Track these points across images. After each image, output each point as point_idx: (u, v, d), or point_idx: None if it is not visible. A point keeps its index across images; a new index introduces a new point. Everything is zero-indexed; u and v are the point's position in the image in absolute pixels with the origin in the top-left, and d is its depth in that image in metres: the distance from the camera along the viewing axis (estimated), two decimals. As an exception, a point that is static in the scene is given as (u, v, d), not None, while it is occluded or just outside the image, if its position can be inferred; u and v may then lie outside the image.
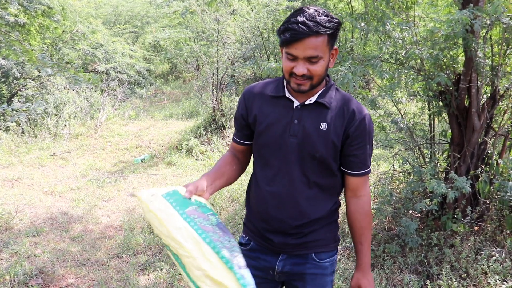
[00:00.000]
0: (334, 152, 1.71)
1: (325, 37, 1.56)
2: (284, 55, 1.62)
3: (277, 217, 1.77)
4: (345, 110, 1.71)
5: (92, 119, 9.75)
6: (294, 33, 1.52)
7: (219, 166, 1.87)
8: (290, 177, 1.73)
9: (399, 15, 3.95)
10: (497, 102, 3.76)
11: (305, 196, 1.74)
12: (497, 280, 3.33)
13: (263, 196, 1.80)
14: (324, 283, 1.85)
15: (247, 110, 1.84)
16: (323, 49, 1.57)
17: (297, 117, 1.71)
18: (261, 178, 1.82)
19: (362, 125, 1.69)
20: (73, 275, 3.86)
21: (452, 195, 3.34)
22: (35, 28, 9.33)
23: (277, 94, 1.76)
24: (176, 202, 1.51)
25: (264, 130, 1.76)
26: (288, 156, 1.72)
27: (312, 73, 1.59)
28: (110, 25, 15.67)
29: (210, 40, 9.14)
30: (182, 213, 1.48)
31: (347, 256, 3.97)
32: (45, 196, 5.91)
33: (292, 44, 1.55)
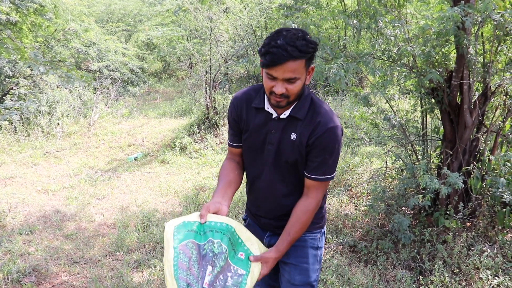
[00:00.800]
0: (301, 157, 1.92)
1: (303, 61, 1.71)
2: (264, 75, 1.78)
3: (264, 207, 2.10)
4: (313, 121, 1.88)
5: (85, 117, 9.71)
6: (275, 58, 1.66)
7: (224, 177, 2.07)
8: (270, 177, 2.01)
9: (391, 13, 3.97)
10: (489, 99, 3.80)
11: (283, 193, 2.02)
12: (489, 275, 3.36)
13: (253, 190, 2.12)
14: (305, 255, 2.08)
15: (237, 115, 2.04)
16: (300, 71, 1.73)
17: (274, 128, 1.93)
18: (249, 176, 2.13)
19: (323, 137, 1.85)
20: (66, 273, 3.85)
21: (445, 190, 3.36)
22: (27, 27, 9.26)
23: (258, 106, 1.97)
24: (178, 234, 1.77)
25: (248, 136, 2.01)
26: (267, 160, 1.98)
27: (289, 93, 1.76)
28: (103, 24, 15.62)
29: (203, 38, 9.13)
30: (175, 247, 1.73)
31: (340, 253, 3.99)
32: (38, 195, 5.89)
33: (272, 67, 1.70)
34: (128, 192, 5.98)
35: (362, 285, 3.44)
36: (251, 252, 1.89)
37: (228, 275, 1.77)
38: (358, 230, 4.35)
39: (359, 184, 5.33)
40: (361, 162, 5.95)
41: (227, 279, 1.76)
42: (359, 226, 4.40)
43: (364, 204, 4.78)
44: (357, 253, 3.97)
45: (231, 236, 1.84)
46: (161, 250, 4.16)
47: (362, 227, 4.37)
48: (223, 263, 1.77)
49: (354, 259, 3.89)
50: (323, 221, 2.15)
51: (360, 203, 4.90)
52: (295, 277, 2.08)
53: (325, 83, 9.67)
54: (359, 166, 5.87)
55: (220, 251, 1.78)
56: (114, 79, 12.35)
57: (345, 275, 3.58)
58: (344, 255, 3.94)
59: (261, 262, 1.87)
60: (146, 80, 14.24)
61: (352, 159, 5.97)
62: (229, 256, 1.82)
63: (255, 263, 1.87)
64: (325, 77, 3.64)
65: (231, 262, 1.81)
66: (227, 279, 1.76)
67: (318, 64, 3.44)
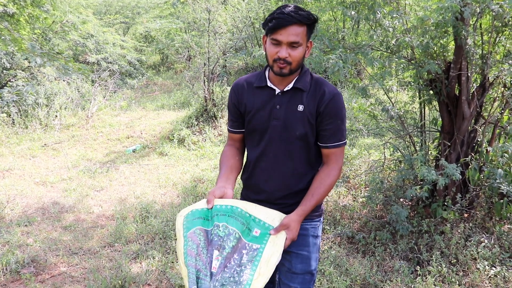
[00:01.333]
0: (311, 128, 1.97)
1: (305, 28, 1.85)
2: (268, 42, 1.89)
3: (265, 189, 2.06)
4: (317, 91, 1.97)
5: (83, 109, 9.70)
6: (281, 21, 1.81)
7: (225, 163, 2.12)
8: (275, 154, 2.02)
9: (390, 4, 3.96)
10: (487, 90, 3.80)
11: (288, 170, 2.02)
12: (486, 266, 3.37)
13: (255, 173, 2.10)
14: (306, 243, 2.08)
15: (238, 100, 2.10)
16: (302, 38, 1.85)
17: (278, 103, 1.99)
18: (252, 157, 2.10)
19: (331, 103, 1.95)
20: (65, 264, 3.86)
21: (443, 181, 3.37)
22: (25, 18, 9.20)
23: (260, 84, 2.03)
24: (187, 223, 1.85)
25: (253, 116, 2.04)
26: (274, 137, 2.00)
27: (292, 58, 1.86)
28: (101, 16, 15.56)
29: (202, 30, 9.10)
30: (185, 235, 1.81)
31: (338, 244, 4.00)
32: (37, 187, 5.89)
33: (277, 30, 1.82)
34: (126, 184, 5.98)
35: (360, 276, 3.46)
36: (270, 224, 1.86)
37: (243, 253, 1.77)
38: (356, 221, 4.36)
39: (357, 175, 5.34)
40: (359, 154, 5.96)
41: (242, 256, 1.76)
42: (357, 217, 4.41)
43: (362, 196, 4.79)
44: (355, 244, 3.98)
45: (238, 216, 1.85)
46: (159, 241, 4.16)
47: (360, 218, 4.38)
48: (233, 243, 1.78)
49: (352, 250, 3.91)
50: (321, 210, 2.17)
51: (358, 195, 4.91)
52: (296, 265, 2.08)
53: (324, 75, 9.65)
54: (358, 157, 5.88)
55: (227, 233, 1.79)
56: (112, 71, 12.32)
57: (343, 265, 3.59)
58: (342, 246, 3.96)
59: (284, 230, 1.86)
60: (144, 73, 14.21)
61: (350, 151, 5.97)
62: (243, 236, 1.82)
63: (274, 235, 1.84)
64: (323, 69, 3.63)
65: (246, 240, 1.81)
66: (242, 257, 1.76)
67: (317, 55, 3.43)
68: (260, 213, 1.88)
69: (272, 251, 1.79)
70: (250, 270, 1.73)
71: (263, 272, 1.74)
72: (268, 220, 1.87)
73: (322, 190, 1.96)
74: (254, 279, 1.72)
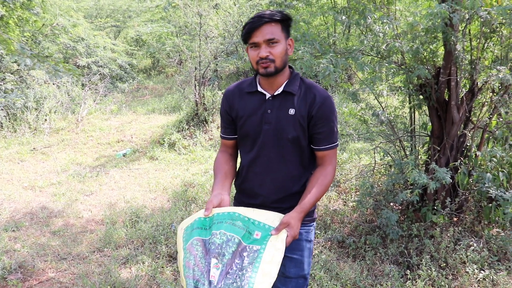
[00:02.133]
0: (302, 132, 1.99)
1: (278, 25, 1.90)
2: (249, 50, 1.94)
3: (260, 193, 2.08)
4: (308, 95, 1.99)
5: (73, 113, 9.64)
6: (252, 24, 1.87)
7: (219, 170, 2.12)
8: (269, 158, 2.03)
9: (380, 9, 3.98)
10: (476, 95, 3.83)
11: (282, 173, 2.04)
12: (475, 269, 3.39)
13: (248, 177, 2.12)
14: (300, 247, 2.09)
15: (229, 106, 2.12)
16: (278, 34, 1.89)
17: (269, 107, 2.00)
18: (245, 162, 2.12)
19: (323, 107, 1.97)
20: (53, 269, 3.82)
21: (433, 185, 3.39)
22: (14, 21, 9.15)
23: (251, 90, 2.06)
24: (186, 236, 1.86)
25: (244, 122, 2.05)
26: (266, 141, 2.01)
27: (273, 55, 1.89)
28: (92, 19, 15.49)
29: (193, 34, 9.11)
30: (184, 248, 1.82)
31: (329, 248, 4.00)
32: (25, 191, 5.84)
33: (252, 33, 1.88)
34: (116, 189, 5.95)
35: (350, 280, 3.46)
36: (270, 225, 1.84)
37: (244, 256, 1.75)
38: (346, 225, 4.37)
39: (348, 180, 5.35)
40: (350, 158, 5.97)
41: (243, 260, 1.74)
42: (348, 221, 4.42)
43: (353, 200, 4.80)
44: (346, 248, 3.99)
45: (236, 221, 1.84)
46: (149, 246, 4.14)
47: (350, 222, 4.38)
48: (233, 248, 1.75)
49: (342, 254, 3.91)
50: (314, 215, 2.17)
51: (349, 199, 4.92)
52: (290, 269, 2.08)
53: (315, 80, 9.69)
54: (348, 162, 5.89)
55: (225, 240, 1.78)
56: (103, 75, 12.27)
57: (334, 270, 3.59)
58: (332, 250, 3.96)
59: (284, 229, 1.83)
60: (135, 76, 14.17)
61: (341, 155, 5.99)
62: (243, 240, 1.79)
63: (275, 235, 1.80)
64: (314, 73, 3.64)
65: (246, 243, 1.79)
66: (244, 260, 1.74)
67: (308, 59, 3.44)
68: (259, 216, 1.87)
69: (273, 250, 1.77)
70: (251, 273, 1.70)
71: (267, 271, 1.71)
72: (268, 221, 1.85)
73: (320, 189, 1.96)
74: (257, 281, 1.68)
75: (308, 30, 4.49)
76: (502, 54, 3.85)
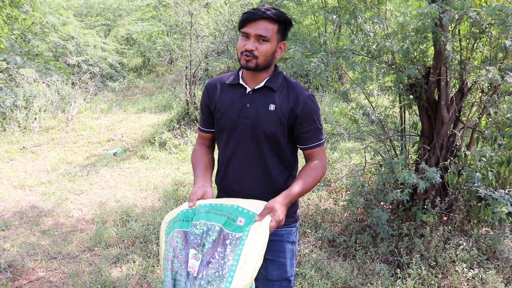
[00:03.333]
0: (282, 129, 1.97)
1: (275, 25, 1.88)
2: (240, 38, 1.93)
3: (239, 190, 2.05)
4: (290, 93, 1.98)
5: (63, 112, 9.58)
6: (250, 15, 1.86)
7: (199, 162, 2.11)
8: (247, 154, 2.01)
9: (371, 9, 4.00)
10: (465, 95, 3.86)
11: (260, 170, 2.02)
12: (464, 268, 3.42)
13: (228, 173, 2.09)
14: (282, 249, 2.08)
15: (209, 99, 2.10)
16: (272, 35, 1.88)
17: (249, 101, 1.99)
18: (223, 157, 2.10)
19: (307, 106, 1.96)
20: (43, 269, 3.80)
21: (423, 185, 3.41)
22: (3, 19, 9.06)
23: (233, 82, 2.04)
24: (168, 229, 1.85)
25: (222, 115, 2.03)
26: (244, 136, 1.99)
27: (258, 52, 1.88)
28: (82, 17, 15.37)
29: (184, 33, 9.08)
30: (166, 241, 1.80)
31: (319, 247, 4.02)
32: (14, 190, 5.79)
33: (247, 24, 1.87)
34: (107, 188, 5.92)
35: (340, 279, 3.47)
36: (254, 212, 1.78)
37: (226, 244, 1.70)
38: (337, 224, 4.39)
39: (338, 179, 5.37)
40: (340, 158, 5.99)
41: (226, 248, 1.69)
42: (338, 220, 4.44)
43: (343, 199, 4.82)
44: (336, 248, 4.00)
45: (218, 210, 1.80)
46: (140, 245, 4.13)
47: (341, 221, 4.40)
48: (214, 237, 1.72)
49: (333, 253, 3.92)
50: (297, 215, 2.16)
51: (339, 198, 4.94)
52: (272, 272, 2.07)
53: (305, 79, 9.71)
54: (339, 161, 5.91)
55: (205, 229, 1.75)
56: (93, 73, 12.19)
57: (324, 269, 3.61)
58: (323, 250, 3.97)
59: (268, 214, 1.77)
60: (126, 75, 14.09)
61: (331, 155, 6.01)
62: (225, 227, 1.74)
63: (259, 221, 1.75)
64: (305, 72, 3.65)
65: (228, 231, 1.73)
66: (226, 248, 1.69)
67: (299, 58, 3.45)
68: (243, 203, 1.83)
69: (256, 236, 1.71)
70: (232, 261, 1.65)
71: (250, 259, 1.66)
72: (252, 208, 1.80)
73: (309, 181, 1.94)
74: (238, 268, 1.63)
75: (299, 29, 4.50)
76: (491, 55, 3.89)
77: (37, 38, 11.19)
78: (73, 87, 10.49)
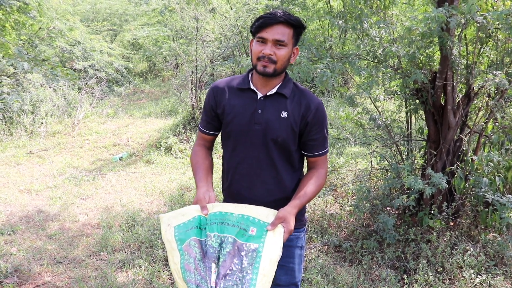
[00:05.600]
0: (293, 136, 1.97)
1: (291, 30, 1.87)
2: (254, 42, 1.90)
3: (248, 197, 2.02)
4: (302, 100, 1.97)
5: (70, 117, 9.62)
6: (267, 19, 1.83)
7: (200, 165, 2.08)
8: (257, 160, 1.99)
9: (376, 14, 4.00)
10: (472, 100, 3.84)
11: (271, 176, 2.01)
12: (472, 274, 3.40)
13: (236, 179, 2.06)
14: (291, 254, 2.08)
15: (216, 102, 2.05)
16: (288, 39, 1.86)
17: (260, 107, 1.96)
18: (231, 163, 2.07)
19: (318, 113, 1.97)
20: (49, 273, 3.80)
21: (429, 191, 3.40)
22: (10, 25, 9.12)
23: (243, 86, 2.00)
24: (180, 235, 1.78)
25: (231, 119, 2.00)
26: (254, 141, 1.97)
27: (277, 57, 1.86)
28: (88, 23, 15.46)
29: (189, 38, 9.10)
30: (180, 249, 1.74)
31: (325, 252, 4.00)
32: (21, 195, 5.81)
33: (264, 28, 1.84)
34: (112, 192, 5.93)
35: (347, 285, 3.46)
36: (264, 221, 1.79)
37: (242, 255, 1.70)
38: (343, 230, 4.37)
39: (344, 184, 5.36)
40: (346, 163, 5.98)
41: (242, 260, 1.70)
42: (344, 226, 4.42)
43: (349, 204, 4.80)
44: (342, 253, 3.99)
45: (229, 221, 1.79)
46: (146, 250, 4.13)
47: (347, 227, 4.39)
48: (228, 249, 1.72)
49: (339, 259, 3.91)
50: (305, 219, 2.16)
51: (345, 203, 4.92)
52: (281, 277, 2.07)
53: (311, 84, 9.71)
54: (344, 166, 5.90)
55: (219, 242, 1.75)
56: (99, 78, 12.24)
57: (330, 274, 3.59)
58: (329, 255, 3.96)
59: (280, 224, 1.79)
60: (132, 80, 14.14)
61: (337, 160, 6.00)
62: (238, 237, 1.75)
63: (271, 230, 1.77)
64: (311, 78, 3.65)
65: (242, 241, 1.74)
66: (242, 260, 1.70)
67: (304, 64, 3.45)
68: (252, 211, 1.82)
69: (272, 248, 1.73)
70: (251, 275, 1.66)
71: (267, 272, 1.68)
72: (262, 217, 1.80)
73: (314, 189, 1.95)
74: (258, 282, 1.65)
75: (305, 34, 4.51)
76: (498, 59, 3.88)
77: (44, 43, 11.26)
78: (79, 92, 10.53)
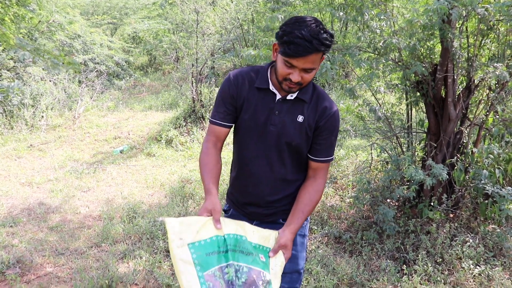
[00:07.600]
0: (307, 140, 1.96)
1: (322, 52, 1.75)
2: (281, 60, 1.78)
3: (254, 193, 2.05)
4: (318, 105, 1.94)
5: (70, 110, 9.62)
6: (299, 49, 1.69)
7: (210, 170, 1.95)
8: (268, 160, 1.98)
9: (377, 6, 4.00)
10: (472, 92, 3.85)
11: (280, 176, 2.01)
12: (471, 265, 3.42)
13: (244, 175, 2.06)
14: (294, 242, 2.04)
15: (238, 93, 1.97)
16: (318, 62, 1.77)
17: (278, 109, 1.92)
18: (242, 159, 2.05)
19: (331, 119, 1.94)
20: (51, 264, 3.83)
21: (430, 181, 3.41)
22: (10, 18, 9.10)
23: (262, 86, 1.94)
24: (199, 258, 1.66)
25: (249, 117, 1.96)
26: (268, 142, 1.95)
27: (304, 81, 1.80)
28: (88, 16, 15.43)
29: (190, 31, 9.08)
30: (200, 275, 1.63)
31: (325, 243, 4.02)
32: (22, 187, 5.83)
33: (296, 58, 1.72)
34: (113, 185, 5.95)
35: (347, 275, 3.48)
36: (267, 247, 1.85)
37: (259, 284, 1.72)
38: (343, 221, 4.39)
39: (345, 176, 5.37)
40: (347, 155, 5.99)
41: None
42: (344, 217, 4.44)
43: (350, 196, 4.82)
44: (342, 244, 4.01)
45: (244, 248, 1.78)
46: (146, 241, 4.15)
47: (347, 218, 4.40)
48: (244, 279, 1.70)
49: (339, 250, 3.93)
50: None
51: (346, 195, 4.94)
52: (285, 265, 2.09)
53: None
54: (345, 158, 5.91)
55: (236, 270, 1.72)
56: (100, 72, 12.23)
57: (330, 265, 3.61)
58: (329, 246, 3.98)
59: (281, 251, 1.86)
60: (132, 73, 14.13)
61: (338, 152, 6.01)
62: (254, 265, 1.75)
63: (273, 257, 1.83)
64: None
65: (257, 267, 1.76)
66: None
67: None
68: (257, 237, 1.84)
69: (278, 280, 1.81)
70: None
71: None
72: (265, 243, 1.85)
73: (311, 207, 1.96)
74: None
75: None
76: (499, 52, 3.88)
77: (44, 37, 11.24)
78: (80, 85, 10.52)
